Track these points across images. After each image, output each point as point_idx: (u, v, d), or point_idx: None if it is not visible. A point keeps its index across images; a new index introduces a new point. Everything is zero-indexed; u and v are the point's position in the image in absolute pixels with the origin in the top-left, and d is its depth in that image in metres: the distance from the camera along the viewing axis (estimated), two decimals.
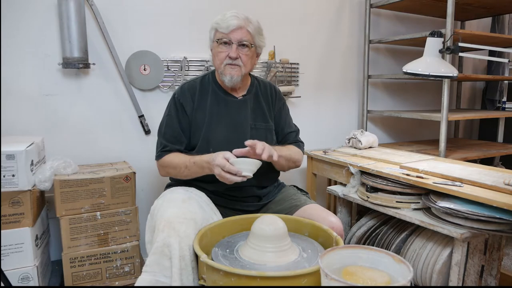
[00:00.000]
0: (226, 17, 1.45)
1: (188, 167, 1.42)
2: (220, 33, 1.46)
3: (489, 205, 1.39)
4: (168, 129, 1.52)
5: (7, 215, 1.58)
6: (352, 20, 2.74)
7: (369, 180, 1.79)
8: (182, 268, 1.19)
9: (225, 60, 1.46)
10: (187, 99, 1.51)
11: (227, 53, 1.46)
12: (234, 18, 1.44)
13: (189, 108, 1.51)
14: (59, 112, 1.98)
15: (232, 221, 1.40)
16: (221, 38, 1.46)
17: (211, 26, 1.50)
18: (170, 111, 1.53)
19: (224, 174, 1.27)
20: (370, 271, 1.02)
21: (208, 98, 1.53)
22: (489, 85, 3.26)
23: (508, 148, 2.62)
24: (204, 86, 1.55)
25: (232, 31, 1.44)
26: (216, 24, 1.47)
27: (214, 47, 1.51)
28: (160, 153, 1.50)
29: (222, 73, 1.49)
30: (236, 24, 1.43)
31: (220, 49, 1.47)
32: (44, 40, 1.91)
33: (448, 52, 1.55)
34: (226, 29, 1.44)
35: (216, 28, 1.47)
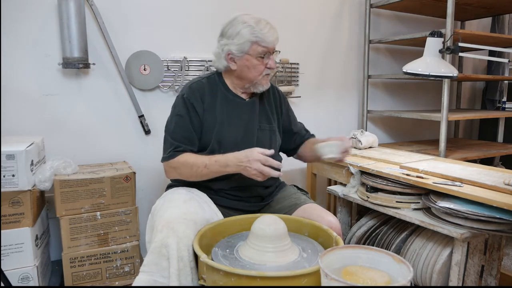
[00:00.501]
0: (264, 30, 1.42)
1: (208, 166, 1.36)
2: (262, 47, 1.43)
3: (489, 205, 1.39)
4: (179, 129, 1.45)
5: (7, 215, 1.58)
6: (352, 20, 2.74)
7: (369, 180, 1.79)
8: (180, 269, 1.19)
9: (264, 71, 1.46)
10: (197, 99, 1.46)
11: (266, 65, 1.45)
12: (273, 31, 1.44)
13: (199, 108, 1.46)
14: (59, 112, 1.98)
15: (232, 221, 1.40)
16: (263, 53, 1.43)
17: (245, 38, 1.41)
18: (180, 111, 1.46)
19: (263, 168, 1.27)
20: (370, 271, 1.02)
21: (217, 99, 1.50)
22: (489, 85, 3.26)
23: (508, 148, 2.62)
24: (212, 86, 1.52)
25: (273, 45, 1.45)
26: (255, 37, 1.41)
27: (248, 59, 1.44)
28: (172, 153, 1.42)
29: (258, 83, 1.48)
30: (276, 37, 1.45)
31: (258, 61, 1.44)
32: (44, 40, 1.91)
33: (448, 52, 1.55)
34: (270, 43, 1.43)
35: (257, 41, 1.42)
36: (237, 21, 1.44)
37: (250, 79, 1.47)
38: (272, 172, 1.28)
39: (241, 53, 1.44)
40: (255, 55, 1.43)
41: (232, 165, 1.33)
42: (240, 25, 1.43)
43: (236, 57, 1.45)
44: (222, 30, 1.49)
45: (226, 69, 1.51)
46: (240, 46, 1.42)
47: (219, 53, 1.48)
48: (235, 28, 1.43)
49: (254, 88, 1.50)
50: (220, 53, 1.48)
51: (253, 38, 1.41)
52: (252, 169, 1.28)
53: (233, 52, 1.44)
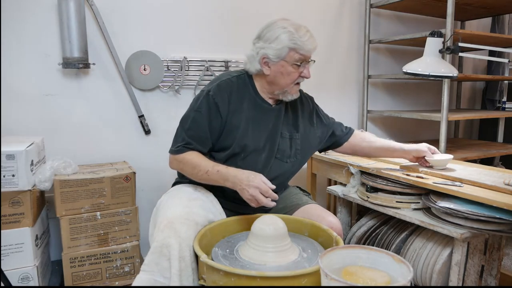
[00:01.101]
0: (304, 38, 1.37)
1: (209, 173, 1.33)
2: (299, 55, 1.38)
3: (489, 205, 1.39)
4: (195, 126, 1.40)
5: (7, 215, 1.58)
6: (352, 20, 2.74)
7: (369, 180, 1.79)
8: (182, 269, 1.19)
9: (296, 79, 1.43)
10: (223, 98, 1.40)
11: (300, 73, 1.42)
12: (313, 40, 1.40)
13: (224, 109, 1.40)
14: (59, 112, 1.98)
15: (232, 221, 1.40)
16: (300, 60, 1.39)
17: (284, 44, 1.36)
18: (200, 108, 1.40)
19: (260, 196, 1.24)
20: (370, 271, 1.02)
21: (244, 102, 1.45)
22: (489, 85, 3.26)
23: (508, 148, 2.62)
24: (241, 87, 1.46)
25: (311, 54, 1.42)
26: (294, 44, 1.36)
27: (284, 66, 1.40)
28: (181, 147, 1.39)
29: (288, 92, 1.44)
30: (315, 46, 1.41)
31: (293, 69, 1.40)
32: (44, 40, 1.91)
33: (448, 52, 1.55)
34: (308, 52, 1.39)
35: (295, 49, 1.37)
36: (276, 25, 1.39)
37: (281, 86, 1.43)
38: (268, 202, 1.25)
39: (277, 59, 1.39)
40: (291, 62, 1.39)
41: (231, 181, 1.30)
42: (279, 29, 1.38)
43: (271, 62, 1.40)
44: (259, 32, 1.44)
45: (258, 72, 1.45)
46: (277, 51, 1.38)
47: (253, 55, 1.43)
48: (274, 32, 1.38)
49: (283, 96, 1.46)
50: (255, 56, 1.42)
51: (291, 45, 1.36)
52: (249, 194, 1.25)
53: (269, 56, 1.39)
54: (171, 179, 1.63)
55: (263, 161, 1.44)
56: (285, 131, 1.51)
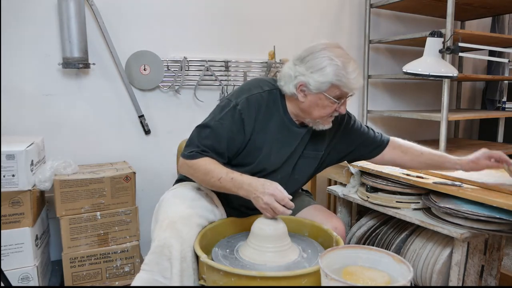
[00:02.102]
0: (353, 76, 1.26)
1: (222, 180, 1.24)
2: (341, 91, 1.27)
3: (489, 205, 1.39)
4: (212, 136, 1.30)
5: (7, 215, 1.58)
6: (352, 20, 2.74)
7: (369, 180, 1.79)
8: (183, 270, 1.19)
9: (332, 113, 1.32)
10: (250, 115, 1.31)
11: (334, 108, 1.30)
12: (359, 79, 1.28)
13: (249, 127, 1.31)
14: (59, 112, 1.98)
15: (232, 221, 1.40)
16: (339, 96, 1.28)
17: (326, 79, 1.24)
18: (223, 119, 1.30)
19: (275, 204, 1.17)
20: (370, 271, 1.03)
21: (272, 121, 1.35)
22: (489, 85, 3.26)
23: (508, 148, 2.62)
24: (271, 104, 1.35)
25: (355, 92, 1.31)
26: (339, 81, 1.24)
27: (322, 98, 1.28)
28: (194, 153, 1.29)
29: (319, 123, 1.34)
30: (362, 84, 1.32)
31: (330, 103, 1.29)
32: (44, 40, 1.91)
33: (448, 52, 1.55)
34: (351, 91, 1.28)
35: (339, 86, 1.25)
36: (323, 54, 1.26)
37: (314, 117, 1.32)
38: (285, 211, 1.18)
39: (316, 90, 1.27)
40: (330, 97, 1.27)
41: (245, 189, 1.22)
42: (326, 60, 1.25)
43: (308, 91, 1.28)
44: (302, 55, 1.30)
45: (291, 95, 1.33)
46: (318, 84, 1.25)
47: (290, 76, 1.30)
48: (320, 61, 1.25)
49: (314, 125, 1.35)
50: (292, 78, 1.30)
51: (336, 81, 1.24)
52: (263, 202, 1.18)
53: (308, 86, 1.27)
54: (171, 179, 1.63)
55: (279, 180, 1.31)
56: (310, 150, 1.44)
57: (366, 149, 1.54)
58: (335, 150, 1.51)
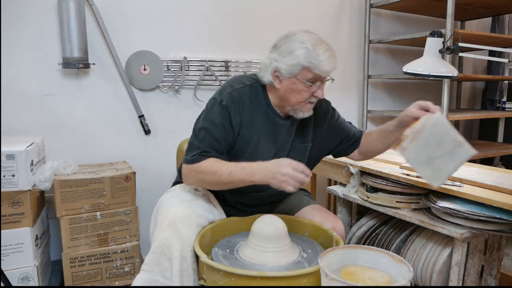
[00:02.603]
0: (322, 58, 1.24)
1: (233, 173, 1.23)
2: (313, 74, 1.26)
3: (489, 205, 1.39)
4: (210, 137, 1.30)
5: (7, 215, 1.58)
6: (352, 20, 2.74)
7: (369, 180, 1.79)
8: (183, 270, 1.19)
9: (308, 99, 1.31)
10: (236, 110, 1.32)
11: (312, 93, 1.30)
12: (331, 61, 1.26)
13: (236, 121, 1.32)
14: (59, 112, 1.98)
15: (232, 221, 1.40)
16: (312, 79, 1.27)
17: (297, 61, 1.25)
18: (215, 119, 1.31)
19: (295, 173, 1.14)
20: (370, 271, 1.03)
21: (257, 115, 1.36)
22: (489, 85, 3.26)
23: (508, 148, 2.62)
24: (253, 99, 1.37)
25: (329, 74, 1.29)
26: (309, 63, 1.24)
27: (295, 83, 1.28)
28: (197, 156, 1.27)
29: (298, 109, 1.33)
30: (333, 68, 1.28)
31: (303, 87, 1.28)
32: (44, 40, 1.91)
33: (448, 52, 1.55)
34: (323, 73, 1.26)
35: (309, 67, 1.25)
36: (295, 38, 1.28)
37: (291, 104, 1.32)
38: (305, 178, 1.16)
39: (288, 74, 1.28)
40: (303, 81, 1.27)
41: (259, 173, 1.20)
42: (296, 43, 1.26)
43: (282, 77, 1.30)
44: (276, 42, 1.33)
45: (270, 84, 1.35)
46: (290, 67, 1.26)
47: (266, 65, 1.33)
48: (290, 45, 1.27)
49: (294, 113, 1.35)
50: (268, 66, 1.32)
51: (306, 63, 1.24)
52: (282, 175, 1.15)
53: (280, 70, 1.28)
54: (171, 179, 1.63)
55: None
56: (298, 142, 1.44)
57: (347, 143, 1.54)
58: (322, 145, 1.51)
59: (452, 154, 1.21)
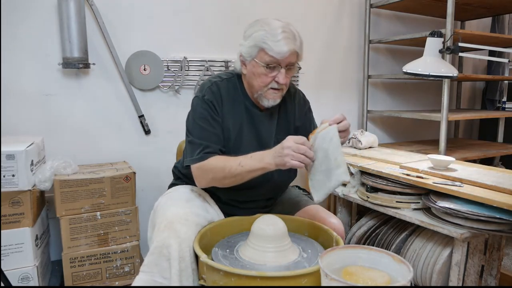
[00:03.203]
0: (277, 38, 1.25)
1: (243, 163, 1.22)
2: (269, 57, 1.27)
3: (489, 205, 1.39)
4: (205, 131, 1.32)
5: (7, 215, 1.58)
6: (352, 20, 2.74)
7: (369, 180, 1.79)
8: (182, 270, 1.19)
9: (270, 84, 1.31)
10: (218, 101, 1.35)
11: (273, 78, 1.30)
12: (287, 41, 1.26)
13: (220, 111, 1.35)
14: (59, 112, 1.98)
15: (232, 221, 1.40)
16: (269, 63, 1.28)
17: (254, 42, 1.28)
18: (203, 113, 1.33)
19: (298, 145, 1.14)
20: (370, 271, 1.02)
21: (237, 106, 1.39)
22: (489, 85, 3.26)
23: (508, 148, 2.62)
24: (231, 91, 1.39)
25: (285, 57, 1.28)
26: (263, 43, 1.26)
27: (255, 66, 1.31)
28: (202, 154, 1.28)
29: (262, 96, 1.34)
30: (289, 50, 1.27)
31: (264, 71, 1.29)
32: (44, 40, 1.91)
33: (448, 52, 1.55)
34: (278, 54, 1.26)
35: (264, 48, 1.26)
36: (258, 23, 1.31)
37: (255, 89, 1.34)
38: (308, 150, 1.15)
39: (249, 57, 1.31)
40: (261, 64, 1.29)
41: (267, 156, 1.20)
42: (257, 27, 1.29)
43: (245, 61, 1.34)
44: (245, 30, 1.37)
45: (241, 72, 1.39)
46: (249, 49, 1.30)
47: (237, 54, 1.38)
48: (252, 29, 1.31)
49: (260, 100, 1.36)
50: (238, 54, 1.38)
51: (261, 44, 1.26)
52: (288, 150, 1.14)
53: (243, 54, 1.33)
54: (171, 179, 1.63)
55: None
56: (282, 134, 1.40)
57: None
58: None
59: (331, 172, 1.17)
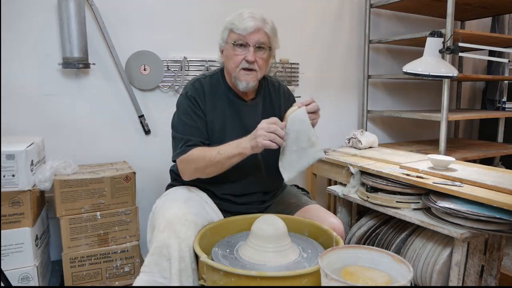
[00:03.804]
0: (243, 17, 1.35)
1: (221, 151, 1.29)
2: (237, 35, 1.36)
3: (489, 205, 1.39)
4: (187, 126, 1.39)
5: (7, 215, 1.58)
6: (352, 20, 2.74)
7: (369, 180, 1.79)
8: (182, 269, 1.19)
9: (241, 63, 1.38)
10: (201, 97, 1.42)
11: (244, 56, 1.37)
12: (252, 19, 1.35)
13: (203, 107, 1.42)
14: (59, 112, 1.98)
15: (232, 221, 1.40)
16: (237, 40, 1.36)
17: (224, 26, 1.40)
18: (186, 110, 1.41)
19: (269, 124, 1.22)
20: (370, 271, 1.03)
21: (219, 100, 1.45)
22: (489, 85, 3.26)
23: (508, 148, 2.62)
24: (214, 86, 1.46)
25: (250, 33, 1.35)
26: (231, 24, 1.37)
27: (227, 49, 1.40)
28: (184, 148, 1.35)
29: (237, 78, 1.40)
30: (254, 25, 1.34)
31: (235, 51, 1.37)
32: (44, 40, 1.91)
33: (448, 52, 1.55)
34: (243, 30, 1.34)
35: (232, 28, 1.37)
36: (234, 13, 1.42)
37: (230, 72, 1.42)
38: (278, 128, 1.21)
39: (223, 43, 1.42)
40: (231, 44, 1.38)
41: (244, 141, 1.27)
42: (230, 16, 1.41)
43: (222, 48, 1.44)
44: None
45: (222, 63, 1.48)
46: (221, 34, 1.42)
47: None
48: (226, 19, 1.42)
49: (236, 84, 1.42)
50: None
51: (229, 25, 1.38)
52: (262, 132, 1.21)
53: (219, 42, 1.44)
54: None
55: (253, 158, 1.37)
56: None
57: None
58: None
59: (306, 152, 1.31)
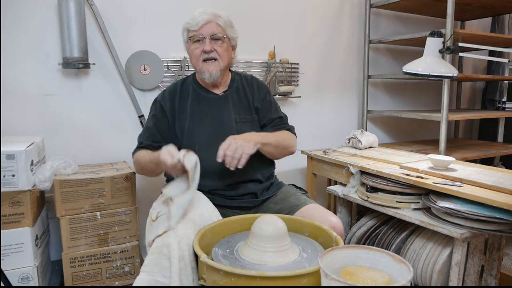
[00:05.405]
0: (194, 15, 1.48)
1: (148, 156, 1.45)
2: (192, 32, 1.49)
3: (489, 205, 1.39)
4: (145, 130, 1.58)
5: (7, 215, 1.58)
6: (352, 20, 2.74)
7: (369, 180, 1.79)
8: (182, 268, 1.19)
9: (200, 56, 1.49)
10: (166, 101, 1.55)
11: (202, 49, 1.48)
12: (202, 13, 1.47)
13: (168, 109, 1.54)
14: (59, 112, 1.98)
15: (232, 221, 1.40)
16: (193, 36, 1.48)
17: (182, 28, 1.52)
18: (150, 114, 1.59)
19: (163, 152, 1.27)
20: (370, 271, 1.02)
21: (188, 98, 1.56)
22: (489, 85, 3.26)
23: (508, 148, 2.62)
24: (185, 87, 1.59)
25: (202, 26, 1.47)
26: (186, 24, 1.50)
27: (188, 47, 1.53)
28: (136, 148, 1.57)
29: (201, 71, 1.51)
30: (205, 19, 1.47)
31: (194, 46, 1.49)
32: (44, 40, 1.91)
33: (448, 52, 1.55)
34: (196, 26, 1.47)
35: (187, 28, 1.50)
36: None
37: (195, 68, 1.54)
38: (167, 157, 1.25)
39: (185, 43, 1.55)
40: (188, 41, 1.51)
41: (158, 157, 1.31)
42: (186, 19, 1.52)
43: (186, 49, 1.56)
44: None
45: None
46: (182, 36, 1.54)
47: None
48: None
49: (202, 78, 1.53)
50: None
51: (185, 25, 1.50)
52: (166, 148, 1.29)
53: (184, 45, 1.57)
54: None
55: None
56: (244, 114, 1.57)
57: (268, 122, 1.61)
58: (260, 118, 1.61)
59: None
